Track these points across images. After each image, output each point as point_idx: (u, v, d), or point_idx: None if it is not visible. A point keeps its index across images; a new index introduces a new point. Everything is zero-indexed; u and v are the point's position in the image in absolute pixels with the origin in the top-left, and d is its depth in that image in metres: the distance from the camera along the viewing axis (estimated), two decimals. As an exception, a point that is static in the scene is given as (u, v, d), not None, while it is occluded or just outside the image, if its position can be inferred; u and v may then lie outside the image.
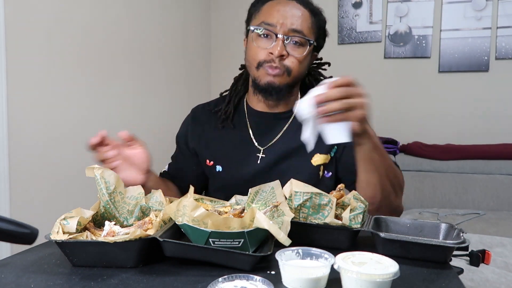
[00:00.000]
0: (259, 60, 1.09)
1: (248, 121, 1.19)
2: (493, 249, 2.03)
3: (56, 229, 0.71)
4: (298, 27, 1.08)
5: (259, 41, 1.10)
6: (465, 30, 3.01)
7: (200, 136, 1.22)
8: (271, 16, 1.09)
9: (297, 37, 1.08)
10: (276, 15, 1.08)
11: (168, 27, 2.79)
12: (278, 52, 1.06)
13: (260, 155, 1.15)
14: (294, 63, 1.09)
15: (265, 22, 1.09)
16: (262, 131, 1.18)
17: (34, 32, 1.79)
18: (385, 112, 3.09)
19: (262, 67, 1.09)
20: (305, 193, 0.81)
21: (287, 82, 1.10)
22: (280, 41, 1.06)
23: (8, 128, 1.69)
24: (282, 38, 1.07)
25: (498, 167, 2.80)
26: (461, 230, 0.77)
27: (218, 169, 1.18)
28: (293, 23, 1.08)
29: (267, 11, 1.11)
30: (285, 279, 0.64)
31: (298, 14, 1.09)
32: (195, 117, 1.25)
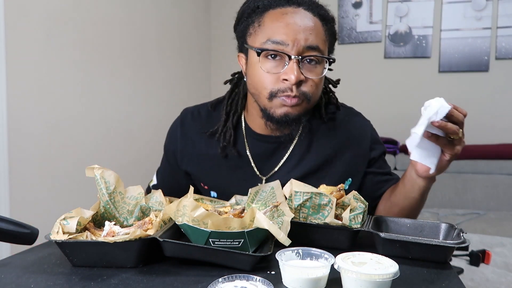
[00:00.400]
0: (271, 90, 0.91)
1: (247, 145, 1.04)
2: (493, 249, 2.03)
3: (56, 229, 0.71)
4: (313, 42, 0.89)
5: (268, 64, 0.90)
6: (465, 30, 3.01)
7: (191, 156, 1.07)
8: (279, 32, 0.89)
9: (314, 56, 0.90)
10: (286, 30, 0.89)
11: (168, 27, 2.79)
12: (295, 78, 0.87)
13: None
14: (313, 87, 0.91)
15: (272, 41, 0.89)
16: (263, 157, 1.03)
17: (33, 33, 1.79)
18: (385, 112, 3.09)
19: (276, 98, 0.91)
20: (305, 193, 0.81)
21: (307, 109, 0.95)
22: (294, 64, 0.88)
23: (8, 128, 1.69)
24: (296, 60, 0.88)
25: (498, 167, 2.81)
26: (461, 230, 0.77)
27: (213, 195, 1.07)
28: (307, 38, 0.89)
29: (272, 24, 0.91)
30: (285, 279, 0.64)
31: (311, 25, 0.90)
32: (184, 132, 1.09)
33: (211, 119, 1.08)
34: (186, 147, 1.07)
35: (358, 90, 3.13)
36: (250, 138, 1.04)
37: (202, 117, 1.09)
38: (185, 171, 1.09)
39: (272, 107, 0.93)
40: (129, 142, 2.41)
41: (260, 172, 1.03)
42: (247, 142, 1.04)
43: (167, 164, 1.14)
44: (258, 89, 0.93)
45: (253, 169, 1.03)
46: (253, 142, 1.04)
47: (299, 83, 0.89)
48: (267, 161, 1.03)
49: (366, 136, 1.06)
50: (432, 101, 0.78)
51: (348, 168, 1.03)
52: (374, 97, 3.14)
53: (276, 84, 0.90)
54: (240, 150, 1.04)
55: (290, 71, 0.88)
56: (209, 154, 1.05)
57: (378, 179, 1.06)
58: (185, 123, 1.09)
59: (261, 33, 0.92)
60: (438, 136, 0.79)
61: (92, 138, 2.11)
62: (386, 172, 1.08)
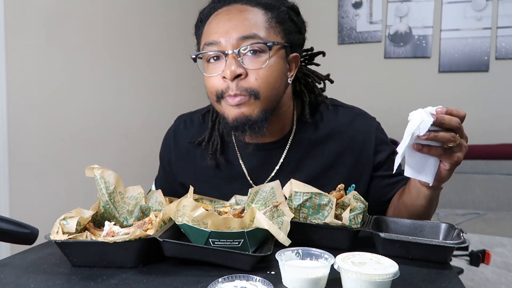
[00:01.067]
0: (216, 91, 0.86)
1: (239, 154, 1.00)
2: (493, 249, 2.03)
3: (55, 229, 0.71)
4: (249, 32, 0.84)
5: (210, 68, 0.87)
6: (465, 30, 3.01)
7: (185, 168, 1.05)
8: (212, 32, 0.86)
9: (252, 45, 0.83)
10: (217, 28, 0.85)
11: (168, 28, 2.79)
12: (231, 74, 0.82)
13: None
14: (258, 80, 0.84)
15: (207, 43, 0.86)
16: (256, 166, 0.98)
17: (34, 32, 1.79)
18: (385, 112, 3.08)
19: (222, 100, 0.86)
20: (305, 193, 0.81)
21: (258, 107, 0.86)
22: (231, 59, 0.83)
23: (8, 128, 1.69)
24: (233, 54, 0.83)
25: (498, 167, 2.81)
26: (461, 230, 0.77)
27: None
28: (242, 29, 0.84)
29: (207, 29, 0.89)
30: (285, 279, 0.64)
31: (245, 16, 0.85)
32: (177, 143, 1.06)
33: (203, 127, 1.04)
34: (180, 158, 1.05)
35: (358, 90, 3.13)
36: (240, 146, 0.99)
37: (194, 126, 1.06)
38: (179, 182, 1.07)
39: (224, 112, 0.88)
40: (129, 142, 2.41)
41: (254, 182, 0.98)
42: (238, 151, 1.00)
43: (163, 173, 1.12)
44: (209, 96, 0.90)
45: (246, 179, 0.98)
46: (243, 151, 0.99)
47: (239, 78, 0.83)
48: (261, 169, 0.97)
49: (370, 139, 0.98)
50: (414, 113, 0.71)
51: (351, 175, 0.96)
52: (374, 97, 3.14)
53: (219, 84, 0.86)
54: (231, 159, 1.00)
55: (227, 67, 0.83)
56: (202, 165, 1.02)
57: (386, 183, 0.99)
58: (177, 132, 1.07)
59: (202, 40, 0.90)
60: (431, 147, 0.74)
61: (92, 138, 2.11)
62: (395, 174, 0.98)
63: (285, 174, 0.95)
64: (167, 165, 1.09)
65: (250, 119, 0.85)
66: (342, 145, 0.97)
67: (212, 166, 1.00)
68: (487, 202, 2.76)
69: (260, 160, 0.98)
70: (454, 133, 0.72)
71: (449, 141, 0.72)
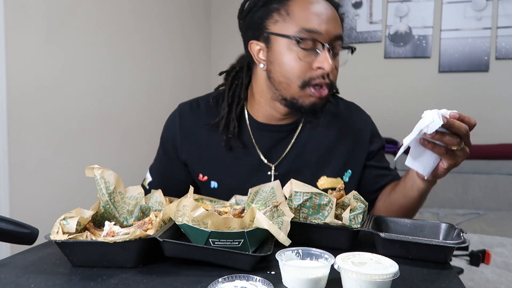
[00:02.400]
0: (305, 79, 0.90)
1: (252, 135, 1.04)
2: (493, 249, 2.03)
3: (55, 229, 0.71)
4: (340, 32, 0.91)
5: (302, 53, 0.89)
6: (465, 30, 3.01)
7: (191, 148, 1.06)
8: (312, 20, 0.88)
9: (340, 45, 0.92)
10: (318, 19, 0.88)
11: (168, 27, 2.79)
12: (331, 68, 0.88)
13: (272, 173, 1.02)
14: (335, 76, 0.94)
15: (306, 29, 0.88)
16: (269, 146, 1.04)
17: (34, 32, 1.79)
18: (385, 112, 3.09)
19: (308, 86, 0.91)
20: (305, 193, 0.81)
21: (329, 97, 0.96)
22: (327, 53, 0.89)
23: (8, 128, 1.69)
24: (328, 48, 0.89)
25: (498, 167, 2.81)
26: (461, 230, 0.77)
27: (213, 186, 1.04)
28: (335, 27, 0.90)
29: (302, 12, 0.90)
30: (285, 279, 0.64)
31: (334, 14, 0.91)
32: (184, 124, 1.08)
33: (211, 111, 1.07)
34: (186, 138, 1.06)
35: (358, 90, 3.13)
36: (254, 128, 1.04)
37: (201, 109, 1.08)
38: (183, 162, 1.08)
39: (302, 96, 0.92)
40: (129, 142, 2.41)
41: (268, 160, 1.03)
42: (252, 132, 1.04)
43: (164, 157, 1.11)
44: (289, 78, 0.91)
45: (260, 158, 1.02)
46: (257, 132, 1.04)
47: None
48: (273, 149, 1.03)
49: (366, 129, 1.08)
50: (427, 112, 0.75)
51: (348, 160, 1.04)
52: (374, 97, 3.14)
53: (308, 72, 0.90)
54: (245, 141, 1.03)
55: (325, 60, 0.88)
56: (211, 145, 1.04)
57: (377, 173, 1.07)
58: (184, 114, 1.08)
59: (291, 21, 0.90)
60: (435, 144, 0.78)
61: (92, 138, 2.11)
62: (385, 167, 1.09)
63: (295, 153, 1.02)
64: (170, 147, 1.09)
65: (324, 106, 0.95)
66: (342, 132, 1.05)
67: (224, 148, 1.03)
68: (487, 202, 2.76)
69: (272, 140, 1.03)
70: (460, 139, 0.76)
71: (454, 145, 0.76)
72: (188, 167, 1.08)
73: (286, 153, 1.03)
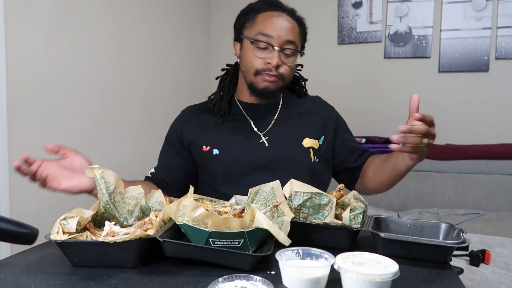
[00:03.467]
0: (257, 68, 1.19)
1: (244, 110, 1.28)
2: (493, 249, 2.03)
3: (56, 229, 0.71)
4: (291, 38, 1.19)
5: (257, 50, 1.19)
6: (465, 30, 3.01)
7: (194, 129, 1.27)
8: (268, 28, 1.18)
9: (291, 49, 1.19)
10: (273, 27, 1.18)
11: (168, 27, 2.79)
12: (276, 63, 1.17)
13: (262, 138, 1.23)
14: (287, 70, 1.21)
15: (262, 33, 1.18)
16: (258, 118, 1.27)
17: (34, 31, 1.79)
18: (385, 112, 3.09)
19: (260, 75, 1.19)
20: (305, 193, 0.81)
21: (281, 86, 1.23)
22: (276, 52, 1.17)
23: (8, 128, 1.69)
24: (278, 50, 1.17)
25: (498, 167, 2.80)
26: (461, 230, 0.77)
27: (215, 152, 1.21)
28: (287, 35, 1.18)
29: (263, 22, 1.20)
30: (285, 279, 0.64)
31: (290, 26, 1.20)
32: (186, 116, 1.31)
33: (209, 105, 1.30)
34: (187, 124, 1.28)
35: (358, 90, 3.13)
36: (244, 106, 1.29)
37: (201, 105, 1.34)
38: (188, 145, 1.26)
39: (257, 81, 1.20)
40: (129, 142, 2.41)
41: (257, 128, 1.25)
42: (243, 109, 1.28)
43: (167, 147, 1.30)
44: (247, 67, 1.21)
45: (251, 126, 1.26)
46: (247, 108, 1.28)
47: (277, 67, 1.17)
48: (262, 122, 1.27)
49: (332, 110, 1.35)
50: None
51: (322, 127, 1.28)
52: (374, 97, 3.13)
53: (261, 65, 1.18)
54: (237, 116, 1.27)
55: (273, 57, 1.17)
56: (209, 123, 1.27)
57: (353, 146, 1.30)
58: (184, 113, 1.33)
59: (255, 28, 1.20)
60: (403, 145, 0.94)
61: (92, 137, 2.11)
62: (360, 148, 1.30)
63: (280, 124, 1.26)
64: (174, 137, 1.29)
65: (274, 91, 1.22)
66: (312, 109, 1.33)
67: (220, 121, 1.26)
68: (487, 202, 2.76)
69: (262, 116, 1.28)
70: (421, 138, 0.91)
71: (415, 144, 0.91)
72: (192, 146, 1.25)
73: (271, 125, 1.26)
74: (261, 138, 1.23)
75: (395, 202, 2.87)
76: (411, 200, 2.84)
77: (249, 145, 1.22)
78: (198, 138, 1.25)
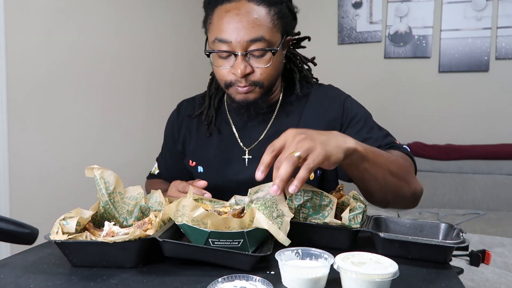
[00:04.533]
0: (225, 81, 1.00)
1: (231, 119, 1.13)
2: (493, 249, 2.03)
3: (55, 229, 0.71)
4: (256, 34, 0.93)
5: (219, 61, 0.99)
6: (465, 30, 3.01)
7: (185, 137, 1.18)
8: (223, 29, 0.94)
9: (258, 49, 0.95)
10: (228, 27, 0.94)
11: (168, 27, 2.79)
12: (241, 72, 0.95)
13: (246, 156, 1.08)
14: (262, 75, 0.98)
15: (218, 39, 0.95)
16: (245, 130, 1.11)
17: (34, 32, 1.79)
18: (385, 112, 3.09)
19: (231, 87, 1.00)
20: (306, 193, 0.81)
21: (261, 93, 1.01)
22: (239, 59, 0.95)
23: (8, 128, 1.69)
24: (242, 56, 0.95)
25: (498, 167, 2.81)
26: (461, 230, 0.77)
27: (200, 170, 1.13)
28: (250, 32, 0.93)
29: (218, 22, 0.96)
30: (285, 279, 0.64)
31: (253, 18, 0.94)
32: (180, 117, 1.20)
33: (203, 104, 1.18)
34: (180, 127, 1.19)
35: (358, 90, 3.12)
36: (232, 113, 1.13)
37: (196, 103, 1.21)
38: (181, 151, 1.19)
39: (231, 94, 1.03)
40: (128, 142, 2.41)
41: (243, 143, 1.10)
42: (230, 116, 1.13)
43: (166, 149, 1.24)
44: (218, 80, 1.04)
45: (237, 142, 1.10)
46: (235, 117, 1.12)
47: (247, 75, 0.97)
48: (249, 133, 1.10)
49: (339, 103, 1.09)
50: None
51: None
52: (374, 97, 3.14)
53: (228, 76, 0.99)
54: (223, 127, 1.13)
55: (237, 66, 0.95)
56: (198, 134, 1.15)
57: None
58: (181, 108, 1.22)
59: (211, 31, 0.99)
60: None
61: (92, 137, 2.11)
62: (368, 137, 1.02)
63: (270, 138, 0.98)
64: (170, 138, 1.21)
65: (254, 102, 1.02)
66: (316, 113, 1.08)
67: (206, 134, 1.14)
68: (487, 202, 2.76)
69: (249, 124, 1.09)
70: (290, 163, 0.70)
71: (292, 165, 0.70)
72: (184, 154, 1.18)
73: (261, 138, 1.09)
74: (244, 154, 1.09)
75: (395, 202, 2.87)
76: (411, 200, 2.84)
77: (232, 163, 1.08)
78: (187, 149, 1.17)
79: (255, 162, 0.95)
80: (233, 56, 0.96)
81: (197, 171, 1.13)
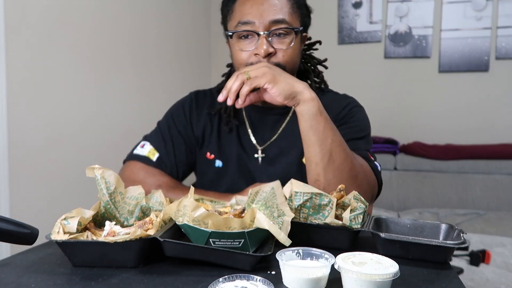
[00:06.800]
0: (246, 63, 1.01)
1: (246, 118, 1.15)
2: (493, 249, 2.03)
3: (56, 229, 0.71)
4: (278, 16, 0.98)
5: (241, 43, 1.02)
6: (465, 30, 3.01)
7: (205, 127, 1.16)
8: (246, 13, 0.99)
9: (281, 29, 0.99)
10: (251, 10, 0.99)
11: (168, 27, 2.79)
12: (264, 52, 0.97)
13: (258, 155, 1.11)
14: (285, 56, 1.00)
15: (241, 22, 1.00)
16: (260, 129, 1.13)
17: (34, 32, 1.79)
18: (385, 112, 3.09)
19: None
20: (305, 193, 0.81)
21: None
22: (263, 39, 0.98)
23: (8, 128, 1.69)
24: (265, 35, 0.98)
25: (498, 167, 2.81)
26: (461, 230, 0.77)
27: (218, 165, 1.13)
28: (272, 13, 0.98)
29: (240, 8, 1.01)
30: (286, 279, 0.64)
31: (275, 2, 0.99)
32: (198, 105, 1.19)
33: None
34: (200, 116, 1.18)
35: (358, 90, 3.12)
36: (248, 112, 1.15)
37: (213, 96, 1.19)
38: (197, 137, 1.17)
39: None
40: (129, 142, 2.41)
41: (257, 142, 1.12)
42: (245, 115, 1.15)
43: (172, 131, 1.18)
44: (237, 66, 1.05)
45: (250, 140, 1.13)
46: (251, 115, 1.15)
47: (270, 55, 0.99)
48: (264, 133, 1.12)
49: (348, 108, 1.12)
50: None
51: None
52: (374, 97, 3.14)
53: (250, 59, 1.01)
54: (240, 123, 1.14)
55: (260, 46, 0.98)
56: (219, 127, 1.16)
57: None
58: (198, 96, 1.21)
59: (233, 18, 1.04)
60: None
61: (92, 137, 2.11)
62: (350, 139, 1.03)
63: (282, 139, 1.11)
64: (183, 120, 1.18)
65: None
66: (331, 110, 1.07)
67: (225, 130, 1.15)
68: (487, 202, 2.76)
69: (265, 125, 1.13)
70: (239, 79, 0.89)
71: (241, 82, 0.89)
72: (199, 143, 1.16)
73: (275, 138, 1.12)
74: (257, 153, 1.11)
75: (395, 202, 2.87)
76: (411, 200, 2.84)
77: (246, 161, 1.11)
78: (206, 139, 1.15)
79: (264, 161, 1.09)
80: (255, 38, 0.99)
81: (214, 165, 1.13)
